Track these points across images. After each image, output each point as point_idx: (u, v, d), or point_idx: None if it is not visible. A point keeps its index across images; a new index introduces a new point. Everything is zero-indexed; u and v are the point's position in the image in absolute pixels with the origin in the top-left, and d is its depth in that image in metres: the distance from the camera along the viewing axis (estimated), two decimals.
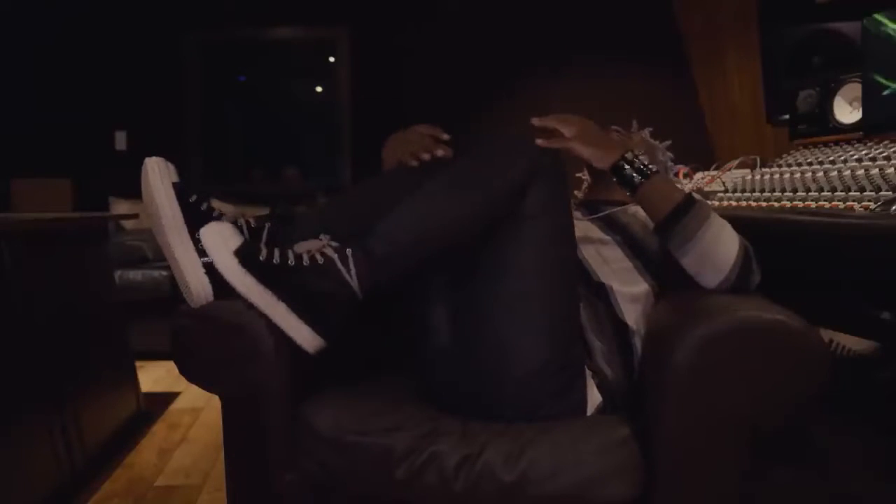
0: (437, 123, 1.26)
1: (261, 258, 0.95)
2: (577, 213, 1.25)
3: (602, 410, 1.05)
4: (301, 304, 0.94)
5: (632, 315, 1.14)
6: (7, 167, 3.08)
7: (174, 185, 0.99)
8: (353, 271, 0.95)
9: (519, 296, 1.00)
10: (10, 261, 1.61)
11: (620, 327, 1.13)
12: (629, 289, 1.15)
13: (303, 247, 0.99)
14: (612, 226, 1.23)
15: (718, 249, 0.98)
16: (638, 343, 1.13)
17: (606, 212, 1.26)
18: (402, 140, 1.23)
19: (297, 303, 0.94)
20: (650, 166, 1.04)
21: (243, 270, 0.93)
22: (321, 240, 1.00)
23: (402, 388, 1.14)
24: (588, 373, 1.07)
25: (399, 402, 1.07)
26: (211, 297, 0.97)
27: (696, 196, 1.03)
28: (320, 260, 0.96)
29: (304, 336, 0.95)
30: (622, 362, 1.10)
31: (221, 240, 0.94)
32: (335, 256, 0.95)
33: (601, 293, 1.15)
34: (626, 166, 1.04)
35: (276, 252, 0.96)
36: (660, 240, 1.07)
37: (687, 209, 1.00)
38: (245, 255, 0.94)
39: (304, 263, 0.95)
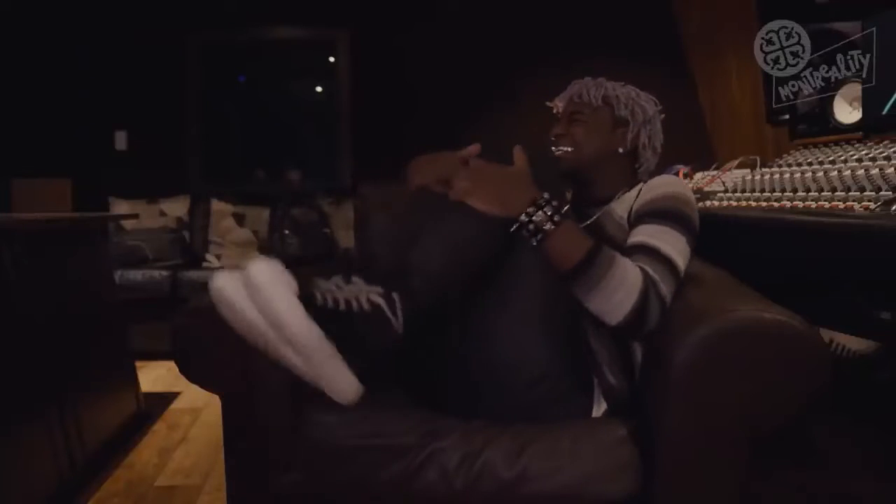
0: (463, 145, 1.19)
1: (318, 304, 0.91)
2: None
3: (606, 415, 1.06)
4: (349, 351, 0.90)
5: None
6: (7, 167, 3.08)
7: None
8: (399, 314, 0.93)
9: (522, 304, 1.01)
10: (10, 261, 1.62)
11: (620, 336, 1.13)
12: None
13: (350, 292, 0.95)
14: (599, 236, 1.23)
15: (621, 292, 0.98)
16: (638, 349, 1.13)
17: (589, 221, 1.27)
18: (431, 163, 1.19)
19: (346, 350, 0.90)
20: (554, 217, 1.00)
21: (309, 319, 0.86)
22: (357, 284, 0.96)
23: (403, 388, 1.14)
24: (594, 380, 1.08)
25: (400, 402, 1.07)
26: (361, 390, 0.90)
27: (602, 245, 1.01)
28: (367, 307, 0.93)
29: (349, 382, 0.90)
30: (623, 368, 1.11)
31: (276, 278, 0.86)
32: (381, 301, 0.93)
33: None
34: (531, 220, 1.00)
35: (329, 297, 0.92)
36: (565, 287, 1.03)
37: (592, 260, 0.99)
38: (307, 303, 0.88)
39: (354, 309, 0.92)
